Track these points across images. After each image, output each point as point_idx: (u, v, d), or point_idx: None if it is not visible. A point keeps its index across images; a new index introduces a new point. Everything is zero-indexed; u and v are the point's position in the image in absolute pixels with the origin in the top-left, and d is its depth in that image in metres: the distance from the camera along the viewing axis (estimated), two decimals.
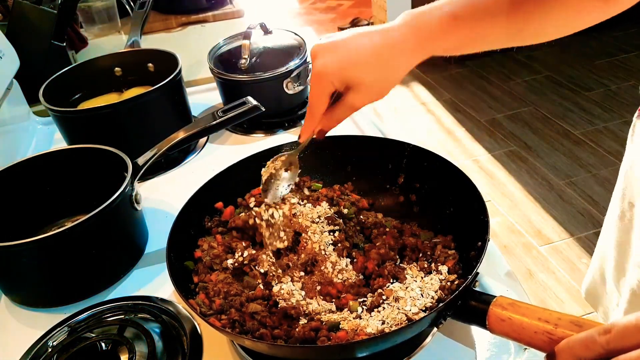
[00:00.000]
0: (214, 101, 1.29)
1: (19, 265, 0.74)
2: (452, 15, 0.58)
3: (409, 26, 0.59)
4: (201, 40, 1.66)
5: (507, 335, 0.53)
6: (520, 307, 0.52)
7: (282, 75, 1.11)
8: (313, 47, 0.62)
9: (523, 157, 2.75)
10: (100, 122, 0.97)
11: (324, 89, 0.61)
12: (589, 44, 3.70)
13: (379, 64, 0.59)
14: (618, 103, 3.08)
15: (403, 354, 0.64)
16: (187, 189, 0.78)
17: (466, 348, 0.64)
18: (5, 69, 1.12)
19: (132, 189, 0.80)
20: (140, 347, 0.65)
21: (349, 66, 0.59)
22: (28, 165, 0.86)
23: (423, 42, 0.59)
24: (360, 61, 0.59)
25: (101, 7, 1.68)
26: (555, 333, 0.48)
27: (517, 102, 3.21)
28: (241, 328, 0.62)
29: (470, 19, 0.58)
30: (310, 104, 0.63)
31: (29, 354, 0.69)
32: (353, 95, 0.61)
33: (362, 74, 0.60)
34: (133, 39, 1.28)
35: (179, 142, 0.84)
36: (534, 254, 2.18)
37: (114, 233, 0.79)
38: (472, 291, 0.57)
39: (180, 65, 1.04)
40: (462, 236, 0.71)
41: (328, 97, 0.62)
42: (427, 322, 0.58)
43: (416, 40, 0.59)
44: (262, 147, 0.87)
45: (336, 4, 5.19)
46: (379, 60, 0.59)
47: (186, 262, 0.72)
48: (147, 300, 0.76)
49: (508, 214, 2.39)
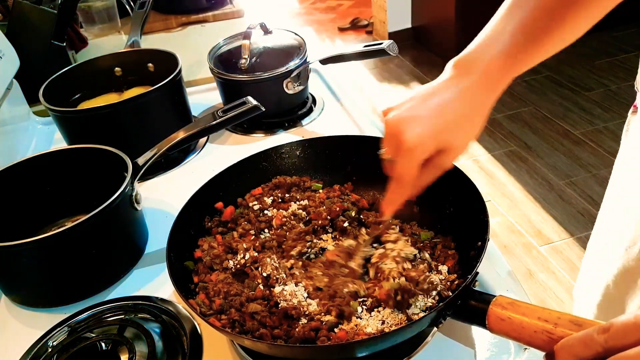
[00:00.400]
0: (214, 101, 1.29)
1: (19, 265, 0.74)
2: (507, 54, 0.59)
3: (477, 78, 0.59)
4: (201, 40, 1.66)
5: (506, 335, 0.53)
6: (520, 306, 0.52)
7: (282, 75, 1.11)
8: (392, 119, 0.60)
9: (523, 157, 2.75)
10: (100, 122, 0.97)
11: (417, 161, 0.59)
12: (589, 44, 3.70)
13: (470, 124, 0.60)
14: (618, 103, 3.08)
15: (403, 353, 0.64)
16: (187, 189, 0.78)
17: (466, 348, 0.64)
18: (5, 69, 1.12)
19: (132, 189, 0.80)
20: (140, 347, 0.65)
21: (445, 134, 0.58)
22: (28, 165, 0.86)
23: (495, 89, 0.60)
24: (455, 126, 0.59)
25: (101, 7, 1.69)
26: (555, 332, 0.48)
27: (517, 102, 3.21)
28: (241, 328, 0.62)
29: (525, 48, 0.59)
30: (400, 176, 0.61)
31: (29, 354, 0.69)
32: (445, 157, 0.60)
33: (457, 137, 0.59)
34: (133, 39, 1.28)
35: (179, 142, 0.84)
36: (533, 254, 2.18)
37: (114, 233, 0.79)
38: (472, 291, 0.57)
39: (180, 65, 1.04)
40: (462, 236, 0.71)
41: (420, 168, 0.60)
42: (427, 322, 0.58)
43: (489, 90, 0.60)
44: (262, 147, 0.87)
45: (336, 4, 5.19)
46: (469, 121, 0.60)
47: (186, 262, 0.72)
48: (147, 300, 0.76)
49: (508, 213, 2.39)
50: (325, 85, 1.32)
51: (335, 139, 0.88)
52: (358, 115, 1.17)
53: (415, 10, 4.09)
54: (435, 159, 0.60)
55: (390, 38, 3.99)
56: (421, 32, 4.09)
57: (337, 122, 1.16)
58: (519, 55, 0.59)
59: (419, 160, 0.59)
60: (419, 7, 4.03)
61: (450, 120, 0.58)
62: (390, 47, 1.01)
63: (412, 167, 0.59)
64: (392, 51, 1.01)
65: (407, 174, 0.60)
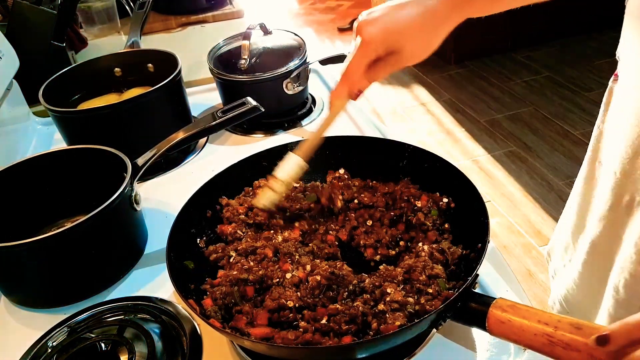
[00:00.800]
0: (214, 101, 1.29)
1: (18, 266, 0.74)
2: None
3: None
4: (201, 41, 1.66)
5: (506, 338, 0.53)
6: (520, 309, 0.52)
7: (281, 75, 1.11)
8: (358, 22, 0.67)
9: (523, 158, 2.75)
10: (99, 123, 0.97)
11: (366, 56, 0.66)
12: (589, 44, 3.70)
13: (422, 31, 0.65)
14: None
15: (403, 355, 0.64)
16: (187, 189, 0.78)
17: (466, 349, 0.64)
18: (5, 69, 1.12)
19: (131, 190, 0.80)
20: (139, 347, 0.65)
21: (394, 34, 0.64)
22: (28, 166, 0.86)
23: (458, 7, 0.64)
24: (405, 29, 0.64)
25: (101, 8, 1.69)
26: (555, 335, 0.48)
27: (517, 102, 3.21)
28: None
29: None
30: (349, 69, 0.68)
31: (29, 354, 0.69)
32: (396, 57, 0.66)
33: (406, 40, 0.65)
34: (133, 39, 1.28)
35: (178, 143, 0.84)
36: (533, 254, 2.18)
37: (113, 233, 0.79)
38: (472, 293, 0.57)
39: (180, 66, 1.04)
40: (462, 237, 0.71)
41: (367, 65, 0.67)
42: (427, 324, 0.58)
43: (452, 5, 0.64)
44: (261, 148, 0.87)
45: (336, 4, 5.19)
46: (422, 28, 0.65)
47: (185, 262, 0.72)
48: (146, 300, 0.76)
49: (508, 214, 2.39)
50: (325, 85, 1.32)
51: (335, 139, 0.88)
52: (358, 115, 1.17)
53: None
54: (388, 58, 0.67)
55: None
56: None
57: (337, 122, 1.16)
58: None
59: (370, 56, 0.66)
60: None
61: (403, 26, 0.64)
62: None
63: (361, 61, 0.67)
64: None
65: (355, 67, 0.67)
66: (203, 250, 0.76)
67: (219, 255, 0.74)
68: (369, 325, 0.61)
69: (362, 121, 1.14)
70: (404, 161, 0.82)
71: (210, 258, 0.74)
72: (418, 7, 0.65)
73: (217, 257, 0.74)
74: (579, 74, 3.42)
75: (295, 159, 0.75)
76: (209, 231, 0.79)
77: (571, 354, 0.47)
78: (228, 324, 0.64)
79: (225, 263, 0.73)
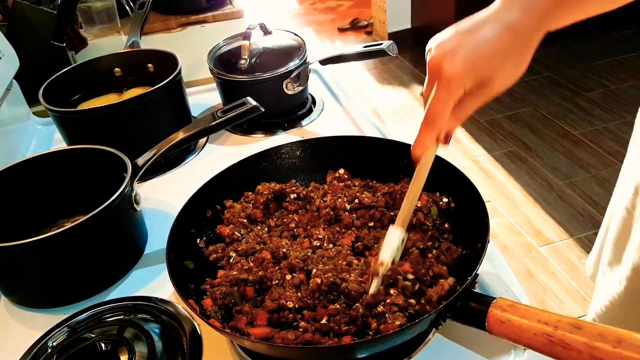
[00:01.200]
0: (214, 101, 1.29)
1: (18, 266, 0.74)
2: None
3: (524, 9, 0.56)
4: (201, 41, 1.66)
5: (506, 337, 0.53)
6: (519, 309, 0.52)
7: (281, 75, 1.11)
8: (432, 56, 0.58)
9: (523, 158, 2.75)
10: (100, 123, 0.97)
11: (453, 96, 0.57)
12: (589, 44, 3.70)
13: (512, 54, 0.57)
14: (618, 103, 3.08)
15: (403, 355, 0.64)
16: (187, 189, 0.78)
17: (466, 349, 0.64)
18: (5, 69, 1.12)
19: (131, 190, 0.80)
20: (139, 347, 0.65)
21: (483, 64, 0.56)
22: (28, 166, 0.86)
23: (546, 18, 0.56)
24: (493, 56, 0.56)
25: (101, 8, 1.69)
26: (555, 335, 0.48)
27: (517, 102, 3.21)
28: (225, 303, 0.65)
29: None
30: (433, 113, 0.58)
31: (29, 355, 0.69)
32: (486, 89, 0.58)
33: (497, 68, 0.56)
34: (133, 39, 1.28)
35: (178, 143, 0.84)
36: (533, 254, 2.18)
37: (113, 233, 0.79)
38: (472, 293, 0.57)
39: (180, 66, 1.04)
40: (462, 237, 0.71)
41: (454, 101, 0.57)
42: (427, 324, 0.58)
43: (534, 25, 0.56)
44: (261, 148, 0.87)
45: (336, 4, 5.19)
46: (512, 50, 0.56)
47: (185, 262, 0.72)
48: (146, 300, 0.76)
49: (508, 214, 2.39)
50: (325, 85, 1.32)
51: (335, 139, 0.88)
52: (358, 115, 1.17)
53: (414, 11, 4.09)
54: (475, 92, 0.58)
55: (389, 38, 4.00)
56: (421, 32, 4.09)
57: (337, 122, 1.16)
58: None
59: (456, 92, 0.56)
60: (418, 8, 4.03)
61: (491, 54, 0.56)
62: (389, 47, 1.01)
63: (447, 99, 0.57)
64: (392, 52, 1.01)
65: (441, 106, 0.57)
66: (203, 250, 0.76)
67: (218, 255, 0.74)
68: (368, 326, 0.61)
69: (362, 121, 1.14)
70: (404, 161, 0.82)
71: (210, 258, 0.75)
72: (498, 26, 0.56)
73: (217, 258, 0.74)
74: (579, 74, 3.42)
75: (397, 235, 0.65)
76: (209, 231, 0.79)
77: (571, 354, 0.47)
78: (228, 324, 0.64)
79: (225, 263, 0.73)
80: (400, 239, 0.64)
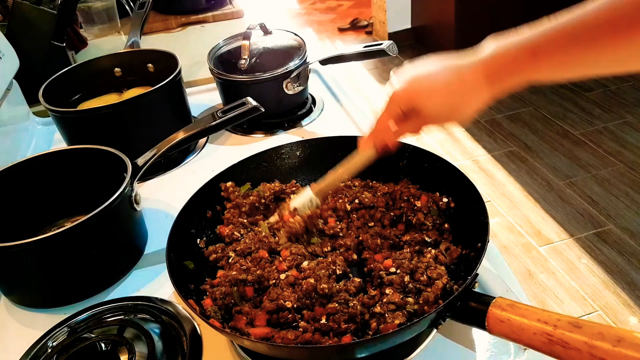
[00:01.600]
0: (214, 101, 1.29)
1: (18, 266, 0.74)
2: (531, 51, 0.55)
3: (482, 63, 0.59)
4: (201, 41, 1.66)
5: (506, 337, 0.53)
6: (519, 308, 0.52)
7: (281, 75, 1.11)
8: (393, 74, 0.67)
9: (523, 158, 2.75)
10: (100, 123, 0.97)
11: (390, 111, 0.66)
12: None
13: (445, 96, 0.62)
14: (618, 103, 3.08)
15: (403, 355, 0.64)
16: (187, 189, 0.78)
17: (465, 349, 0.64)
18: (5, 69, 1.12)
19: (131, 190, 0.80)
20: (140, 347, 0.65)
21: (415, 93, 0.63)
22: (28, 166, 0.86)
23: (494, 82, 0.59)
24: (426, 91, 0.63)
25: (101, 8, 1.69)
26: (554, 334, 0.48)
27: (517, 102, 3.21)
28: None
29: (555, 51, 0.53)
30: (376, 121, 0.69)
31: (29, 354, 0.69)
32: (418, 117, 0.65)
33: (428, 103, 0.63)
34: (133, 39, 1.28)
35: (178, 143, 0.84)
36: (533, 254, 2.18)
37: (113, 233, 0.79)
38: (472, 292, 0.57)
39: (180, 66, 1.04)
40: (462, 237, 0.71)
41: (392, 119, 0.66)
42: (427, 323, 0.58)
43: (485, 77, 0.59)
44: (262, 148, 0.87)
45: (336, 4, 5.19)
46: (446, 93, 0.62)
47: (185, 262, 0.72)
48: (146, 300, 0.76)
49: (508, 214, 2.39)
50: (325, 85, 1.32)
51: (335, 139, 0.88)
52: (358, 115, 1.17)
53: (414, 11, 4.09)
54: (410, 116, 0.65)
55: (390, 38, 4.00)
56: (421, 32, 4.09)
57: (337, 122, 1.16)
58: (540, 54, 0.54)
59: (392, 110, 0.66)
60: (418, 8, 4.03)
61: (426, 87, 0.63)
62: (390, 47, 1.01)
63: (384, 114, 0.67)
64: (392, 52, 1.01)
65: (380, 118, 0.68)
66: (203, 250, 0.76)
67: (218, 255, 0.75)
68: (368, 325, 0.61)
69: (362, 121, 1.14)
70: (404, 161, 0.82)
71: (210, 258, 0.75)
72: (449, 72, 0.62)
73: (217, 258, 0.74)
74: None
75: (308, 192, 0.76)
76: (209, 231, 0.79)
77: (571, 353, 0.47)
78: (228, 324, 0.64)
79: (225, 263, 0.73)
80: (308, 197, 0.75)
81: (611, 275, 2.03)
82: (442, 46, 3.97)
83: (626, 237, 2.17)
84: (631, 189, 2.42)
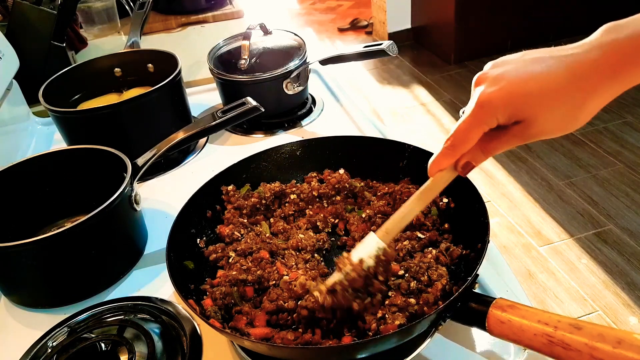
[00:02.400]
0: (214, 101, 1.29)
1: (18, 266, 0.74)
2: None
3: (604, 53, 0.47)
4: (201, 41, 1.66)
5: (506, 338, 0.53)
6: (519, 309, 0.52)
7: (281, 75, 1.11)
8: (480, 73, 0.52)
9: (523, 158, 2.75)
10: (100, 123, 0.97)
11: (482, 124, 0.51)
12: None
13: (566, 103, 0.49)
14: (618, 103, 3.08)
15: (403, 355, 0.64)
16: (187, 189, 0.78)
17: (466, 349, 0.64)
18: (5, 69, 1.12)
19: (131, 190, 0.80)
20: (140, 347, 0.65)
21: (523, 97, 0.49)
22: (28, 166, 0.86)
23: (616, 74, 0.47)
24: (540, 93, 0.48)
25: (101, 8, 1.69)
26: (555, 335, 0.48)
27: None
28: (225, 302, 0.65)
29: None
30: (457, 136, 0.52)
31: (29, 355, 0.69)
32: (523, 129, 0.51)
33: (540, 109, 0.49)
34: (133, 39, 1.28)
35: (178, 143, 0.84)
36: (533, 254, 2.18)
37: (113, 234, 0.79)
38: (472, 293, 0.57)
39: (180, 66, 1.04)
40: (462, 237, 0.71)
41: (483, 133, 0.52)
42: (427, 324, 0.58)
43: (612, 73, 0.47)
44: (261, 148, 0.87)
45: (336, 4, 5.19)
46: (567, 99, 0.48)
47: (185, 262, 0.72)
48: (146, 300, 0.76)
49: (508, 214, 2.39)
50: (324, 85, 1.32)
51: (335, 139, 0.88)
52: (358, 115, 1.17)
53: (414, 11, 4.09)
54: (513, 129, 0.51)
55: (389, 39, 4.00)
56: (421, 32, 4.09)
57: (337, 122, 1.16)
58: None
59: (485, 121, 0.50)
60: (418, 8, 4.03)
61: (534, 91, 0.48)
62: (389, 47, 1.01)
63: (473, 126, 0.51)
64: (392, 52, 1.01)
65: (466, 135, 0.52)
66: (203, 250, 0.76)
67: (218, 255, 0.75)
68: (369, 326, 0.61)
69: (362, 121, 1.14)
70: (404, 161, 0.82)
71: (210, 258, 0.75)
72: (562, 63, 0.48)
73: (217, 258, 0.74)
74: None
75: (373, 240, 0.60)
76: (209, 231, 0.79)
77: (571, 354, 0.47)
78: (228, 324, 0.64)
79: (225, 263, 0.73)
80: (375, 246, 0.59)
81: (611, 276, 2.03)
82: (442, 46, 3.97)
83: (626, 237, 2.17)
84: (631, 189, 2.42)
